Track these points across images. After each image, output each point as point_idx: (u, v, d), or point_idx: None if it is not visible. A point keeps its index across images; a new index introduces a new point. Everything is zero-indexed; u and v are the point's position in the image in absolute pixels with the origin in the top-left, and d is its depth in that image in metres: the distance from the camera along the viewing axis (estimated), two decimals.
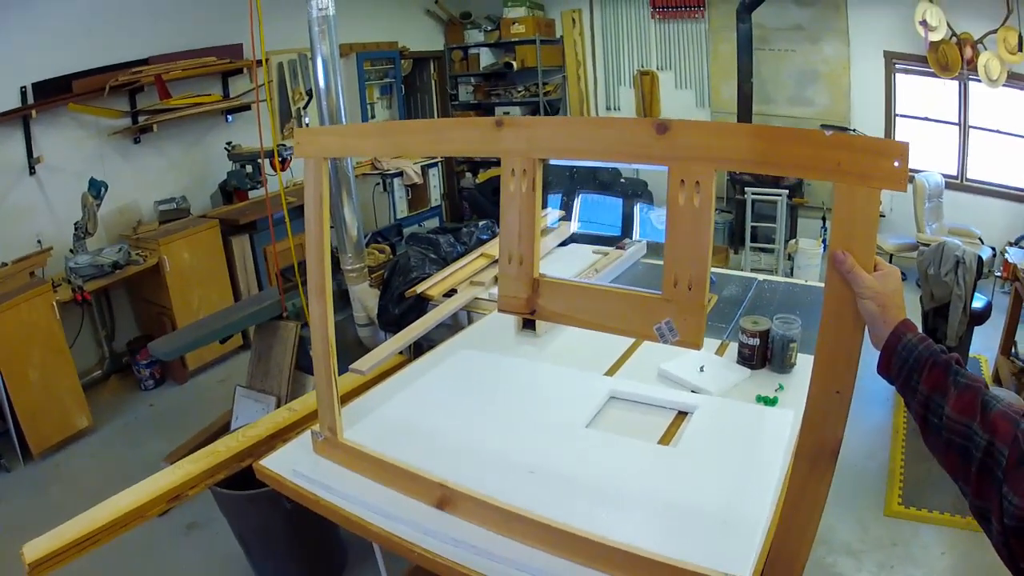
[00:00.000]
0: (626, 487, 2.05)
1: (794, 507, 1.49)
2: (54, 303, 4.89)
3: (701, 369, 2.70)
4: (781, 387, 2.61)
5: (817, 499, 1.45)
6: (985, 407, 1.17)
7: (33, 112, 5.21)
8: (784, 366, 2.71)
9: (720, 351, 2.96)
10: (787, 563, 1.52)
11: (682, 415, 2.46)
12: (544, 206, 4.60)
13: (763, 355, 2.75)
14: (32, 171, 5.38)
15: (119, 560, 3.57)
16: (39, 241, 5.34)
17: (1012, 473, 1.10)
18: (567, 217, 5.04)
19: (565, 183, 7.61)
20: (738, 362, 2.79)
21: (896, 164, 1.21)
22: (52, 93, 5.38)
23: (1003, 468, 1.12)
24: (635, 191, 7.62)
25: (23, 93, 5.24)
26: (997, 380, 4.97)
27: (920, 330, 1.29)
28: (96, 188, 5.28)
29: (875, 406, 4.66)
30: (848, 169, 1.25)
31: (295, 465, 2.27)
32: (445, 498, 1.99)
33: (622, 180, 8.00)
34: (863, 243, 1.29)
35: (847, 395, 1.36)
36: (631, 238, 5.01)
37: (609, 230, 5.58)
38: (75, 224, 5.31)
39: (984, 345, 5.36)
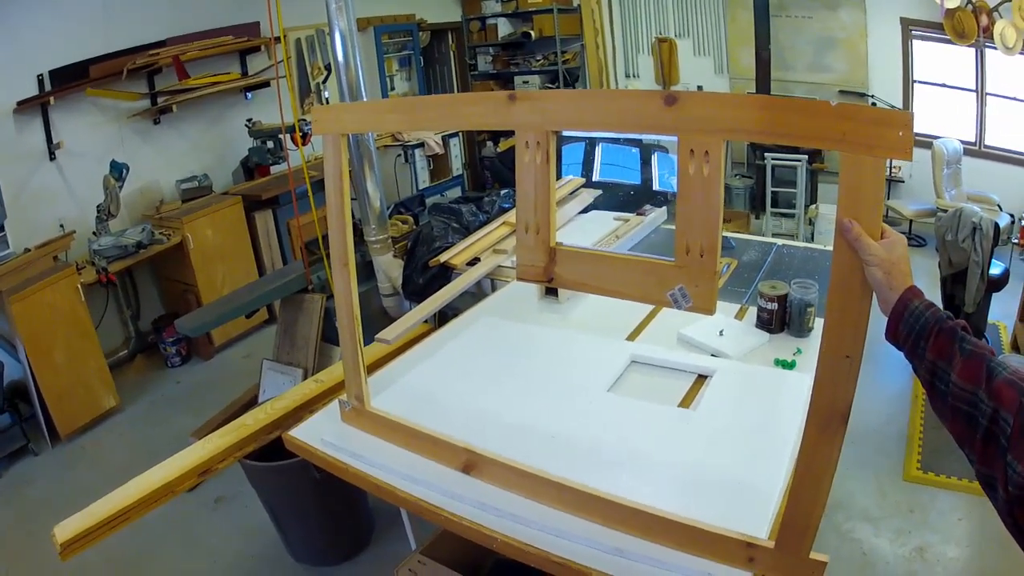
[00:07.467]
0: (646, 450, 2.09)
1: (806, 469, 1.51)
2: (78, 286, 4.93)
3: (720, 333, 2.73)
4: (799, 351, 2.64)
5: (828, 461, 1.47)
6: (990, 374, 1.16)
7: (51, 99, 5.22)
8: (802, 330, 2.74)
9: (739, 315, 2.99)
10: (801, 524, 1.54)
11: (702, 379, 2.50)
12: (560, 175, 4.63)
13: (781, 319, 2.78)
14: (52, 156, 5.41)
15: (148, 535, 3.66)
16: (62, 225, 5.37)
17: (1017, 441, 1.10)
18: (588, 174, 5.07)
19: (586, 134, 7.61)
20: (757, 326, 2.82)
21: (901, 134, 1.22)
22: (69, 79, 5.40)
23: (1008, 436, 1.11)
24: (652, 141, 7.62)
25: (40, 81, 5.26)
26: (1015, 347, 4.98)
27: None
28: (118, 170, 5.31)
29: (895, 372, 4.64)
30: (853, 139, 1.26)
31: (324, 435, 2.32)
32: (470, 463, 2.04)
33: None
34: (869, 211, 1.29)
35: (856, 360, 1.37)
36: (652, 189, 5.02)
37: (630, 176, 5.62)
38: (97, 207, 5.35)
39: (1003, 312, 5.33)
